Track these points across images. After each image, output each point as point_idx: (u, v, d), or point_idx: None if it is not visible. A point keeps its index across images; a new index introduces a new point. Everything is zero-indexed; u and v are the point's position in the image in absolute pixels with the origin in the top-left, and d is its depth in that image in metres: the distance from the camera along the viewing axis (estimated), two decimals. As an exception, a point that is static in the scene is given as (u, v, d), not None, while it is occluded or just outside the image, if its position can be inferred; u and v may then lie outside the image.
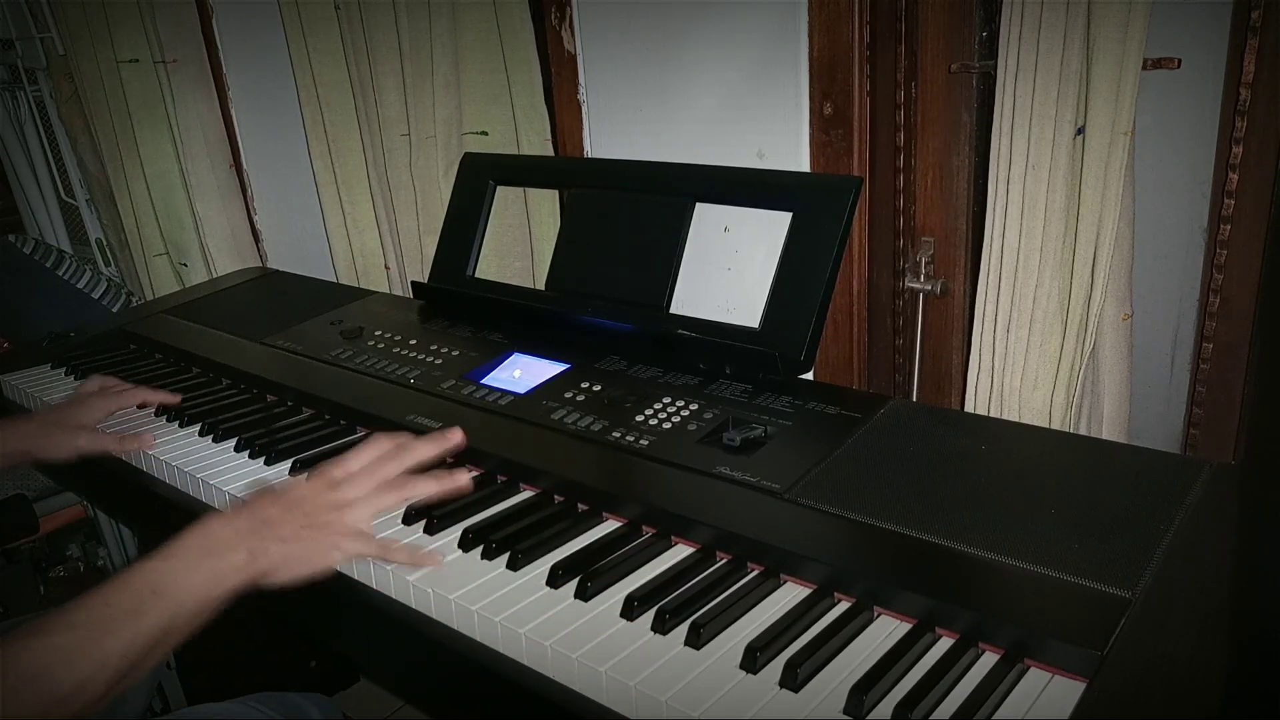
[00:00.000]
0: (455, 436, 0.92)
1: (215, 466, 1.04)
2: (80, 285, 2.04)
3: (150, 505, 1.09)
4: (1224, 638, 0.64)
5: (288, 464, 1.02)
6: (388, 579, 0.83)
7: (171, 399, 1.21)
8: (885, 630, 0.71)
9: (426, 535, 0.87)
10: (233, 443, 1.09)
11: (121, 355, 1.45)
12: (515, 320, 1.29)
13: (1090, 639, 0.63)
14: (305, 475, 0.90)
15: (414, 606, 0.81)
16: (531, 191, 1.52)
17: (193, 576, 0.75)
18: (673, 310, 1.15)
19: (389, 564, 0.82)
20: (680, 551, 0.83)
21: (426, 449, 0.90)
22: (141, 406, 1.22)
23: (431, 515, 0.88)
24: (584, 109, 1.38)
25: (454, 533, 0.87)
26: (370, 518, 0.85)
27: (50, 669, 0.66)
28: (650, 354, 1.14)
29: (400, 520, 0.89)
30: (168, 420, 1.18)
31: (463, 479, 0.89)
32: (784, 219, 1.08)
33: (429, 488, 0.87)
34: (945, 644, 0.69)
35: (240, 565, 0.77)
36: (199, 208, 1.93)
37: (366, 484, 0.86)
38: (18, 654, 0.66)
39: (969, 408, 1.11)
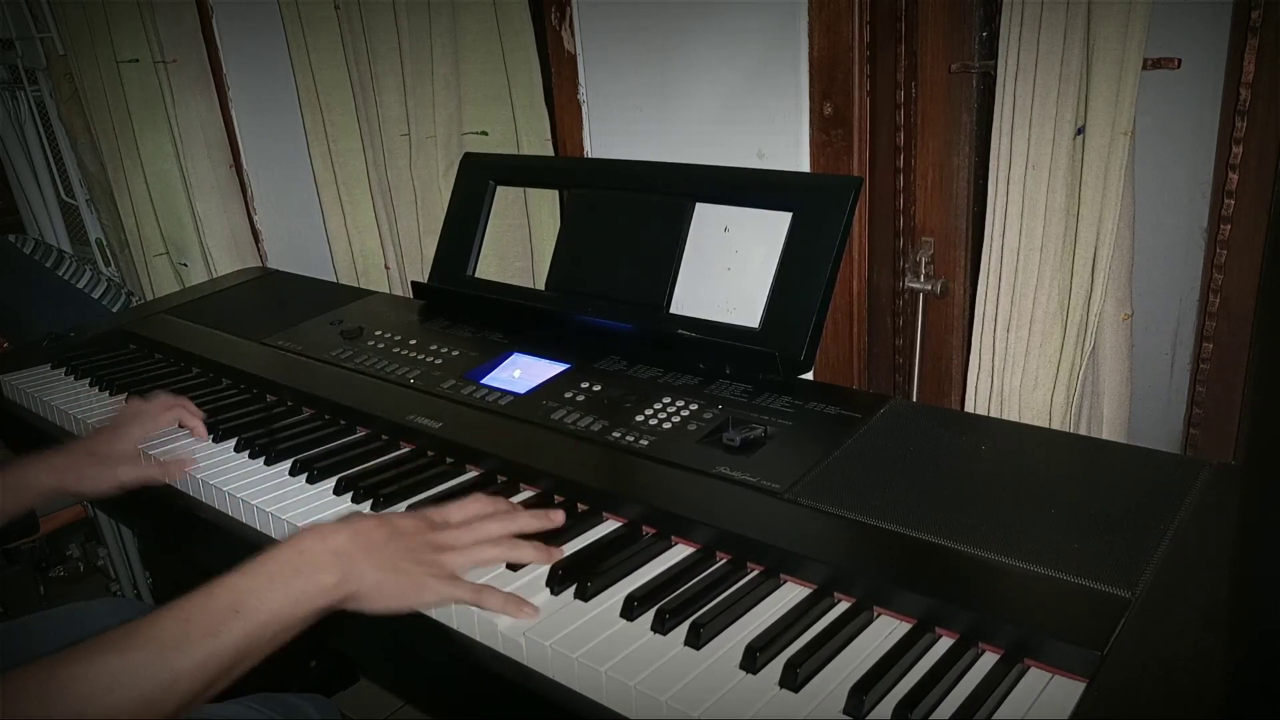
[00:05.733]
0: (557, 518, 0.88)
1: (216, 467, 1.04)
2: (80, 285, 2.04)
3: (150, 505, 1.09)
4: (1224, 638, 0.64)
5: (288, 464, 1.02)
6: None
7: (200, 420, 1.14)
8: (885, 630, 0.71)
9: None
10: (232, 443, 1.09)
11: (121, 355, 1.45)
12: (515, 320, 1.29)
13: (1090, 639, 0.63)
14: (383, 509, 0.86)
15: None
16: (531, 191, 1.52)
17: (278, 596, 0.71)
18: (673, 310, 1.15)
19: (482, 610, 0.76)
20: (680, 551, 0.83)
21: (529, 521, 0.86)
22: (182, 427, 1.14)
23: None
24: (584, 109, 1.38)
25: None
26: (467, 568, 0.81)
27: (117, 686, 0.63)
28: (650, 354, 1.13)
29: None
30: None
31: (558, 550, 0.84)
32: (784, 219, 1.08)
33: (530, 555, 0.82)
34: (945, 644, 0.69)
35: (329, 587, 0.73)
36: (199, 208, 1.93)
37: (467, 537, 0.82)
38: (85, 669, 0.63)
39: (969, 408, 1.11)
